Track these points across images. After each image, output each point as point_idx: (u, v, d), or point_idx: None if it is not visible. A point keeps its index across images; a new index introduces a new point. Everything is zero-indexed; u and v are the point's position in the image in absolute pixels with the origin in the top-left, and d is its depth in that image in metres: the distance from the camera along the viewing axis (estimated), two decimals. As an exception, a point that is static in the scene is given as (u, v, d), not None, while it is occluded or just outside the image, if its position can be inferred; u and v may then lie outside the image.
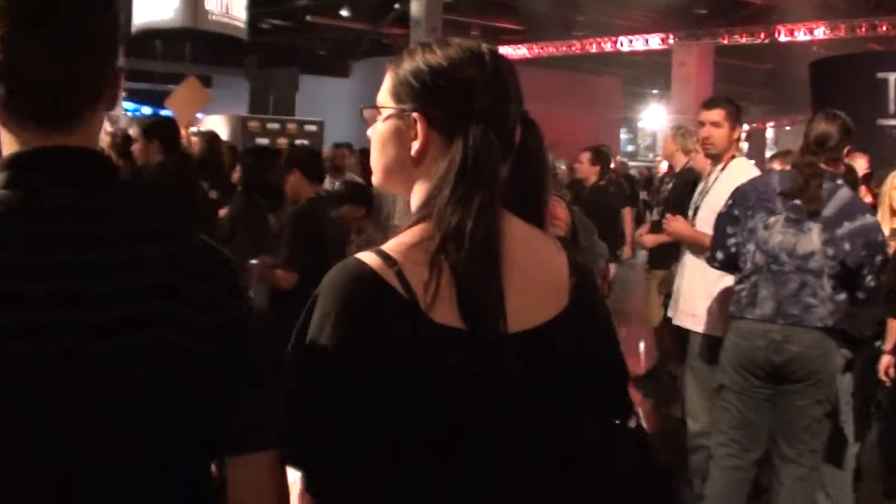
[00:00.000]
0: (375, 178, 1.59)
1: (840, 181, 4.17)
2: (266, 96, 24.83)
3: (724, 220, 4.30)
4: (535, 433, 1.47)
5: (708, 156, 5.10)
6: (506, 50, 27.28)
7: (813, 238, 4.02)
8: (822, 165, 4.10)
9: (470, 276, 1.40)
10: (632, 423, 1.65)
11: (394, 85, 1.53)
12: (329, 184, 8.51)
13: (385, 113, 1.54)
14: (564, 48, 25.82)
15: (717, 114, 4.92)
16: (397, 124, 1.52)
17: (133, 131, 8.17)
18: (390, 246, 1.45)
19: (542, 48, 26.23)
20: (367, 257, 1.43)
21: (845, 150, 4.23)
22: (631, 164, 18.57)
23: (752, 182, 4.35)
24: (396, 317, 1.39)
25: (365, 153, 9.27)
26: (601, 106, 29.49)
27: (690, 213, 5.13)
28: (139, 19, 15.46)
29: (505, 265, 1.44)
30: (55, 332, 1.23)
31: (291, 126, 20.11)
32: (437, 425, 1.41)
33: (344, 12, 23.21)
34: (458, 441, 1.42)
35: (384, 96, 1.55)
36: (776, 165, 6.29)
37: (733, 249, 4.23)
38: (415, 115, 1.49)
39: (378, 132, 1.55)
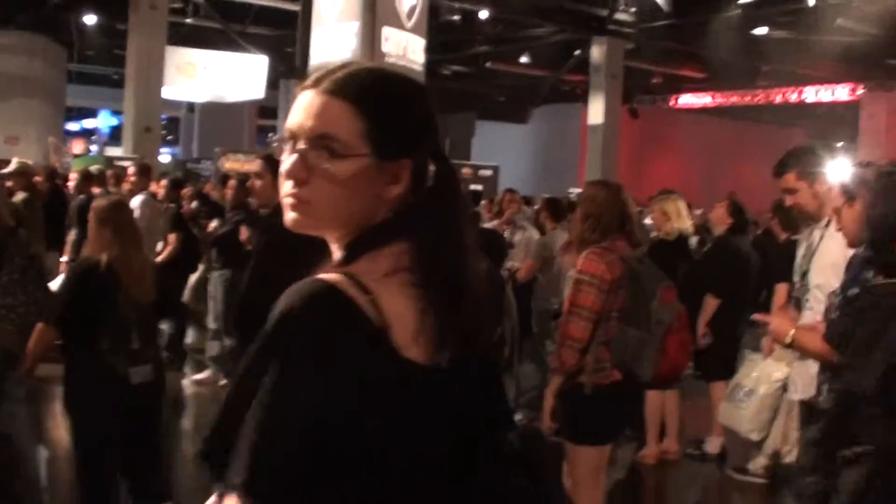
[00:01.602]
0: (316, 221, 1.41)
1: None
2: (442, 140, 25.25)
3: None
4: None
5: (807, 220, 4.62)
6: (687, 98, 26.92)
7: None
8: None
9: (451, 313, 1.38)
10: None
11: (371, 128, 1.39)
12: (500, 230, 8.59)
13: (353, 155, 1.39)
14: (749, 97, 25.28)
15: (789, 179, 4.55)
16: (368, 166, 1.38)
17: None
18: (362, 272, 1.35)
19: (725, 97, 25.76)
20: (341, 283, 1.32)
21: None
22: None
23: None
24: (369, 349, 1.31)
25: (551, 203, 8.91)
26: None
27: (797, 278, 4.50)
28: (316, 59, 15.54)
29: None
30: None
31: (466, 170, 20.38)
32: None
33: (524, 59, 23.35)
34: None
35: (352, 138, 1.39)
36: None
37: None
38: (405, 160, 1.42)
39: (341, 174, 1.37)
